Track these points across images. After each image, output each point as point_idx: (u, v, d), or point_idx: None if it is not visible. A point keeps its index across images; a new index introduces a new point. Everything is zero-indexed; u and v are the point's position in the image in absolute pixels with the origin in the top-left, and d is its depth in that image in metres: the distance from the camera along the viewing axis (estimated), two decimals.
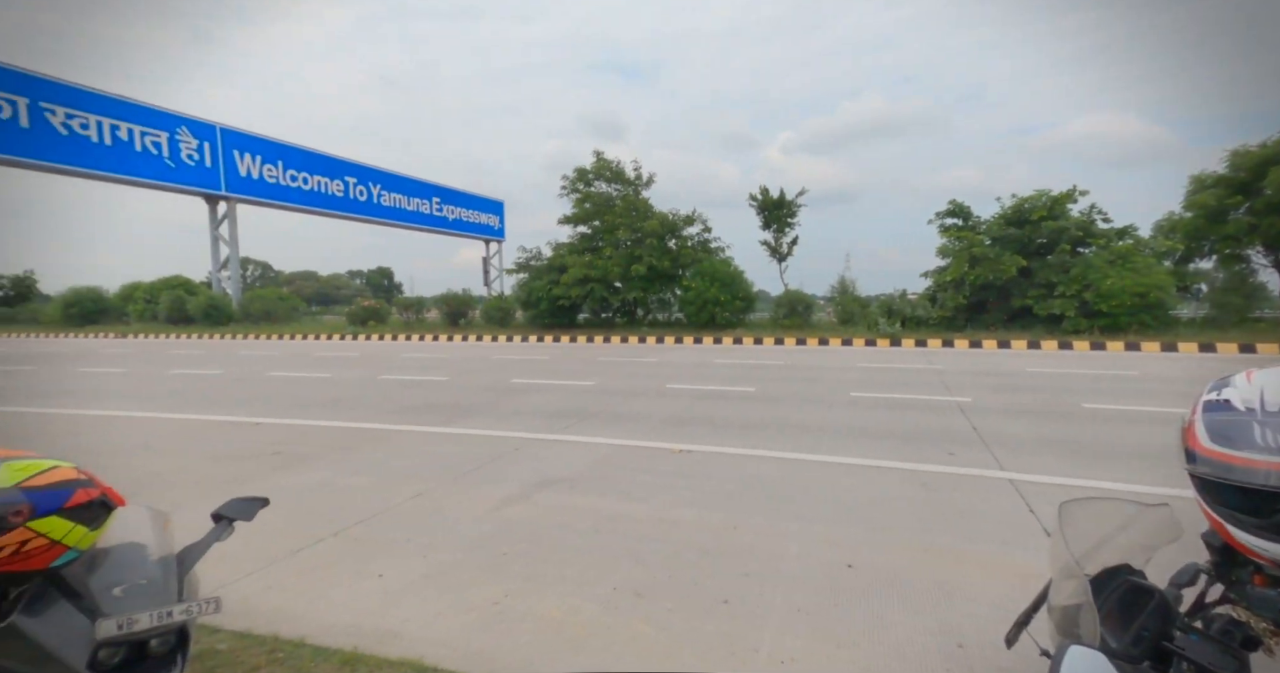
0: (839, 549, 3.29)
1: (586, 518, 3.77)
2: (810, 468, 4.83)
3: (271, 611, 2.68)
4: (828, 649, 2.36)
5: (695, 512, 3.87)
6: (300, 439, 5.89)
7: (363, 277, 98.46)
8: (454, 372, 11.43)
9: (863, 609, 2.66)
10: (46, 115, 19.37)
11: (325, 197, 28.84)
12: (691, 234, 22.94)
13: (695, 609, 2.67)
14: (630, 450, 5.40)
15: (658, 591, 2.84)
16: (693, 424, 6.46)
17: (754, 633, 2.47)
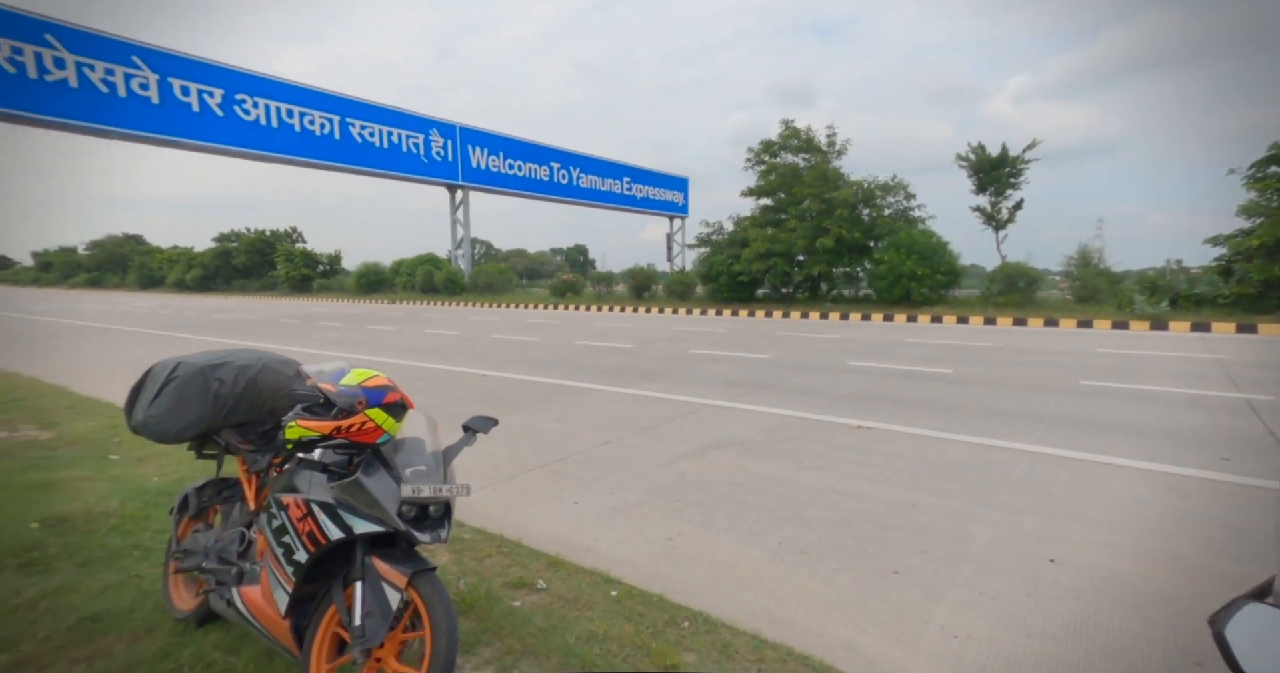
0: (1043, 543, 2.95)
1: (756, 480, 3.90)
2: (1015, 457, 4.30)
3: (497, 517, 3.35)
4: (1015, 638, 2.19)
5: (871, 486, 3.76)
6: (515, 390, 6.97)
7: (562, 253, 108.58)
8: (638, 340, 12.27)
9: (1066, 607, 2.39)
10: (350, 128, 24.96)
11: (535, 181, 32.44)
12: (889, 203, 20.89)
13: (862, 574, 2.66)
14: (804, 422, 5.36)
15: (823, 552, 2.89)
16: (874, 402, 6.11)
17: (926, 607, 2.40)
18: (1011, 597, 2.47)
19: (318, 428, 1.74)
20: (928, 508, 3.40)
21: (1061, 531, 3.09)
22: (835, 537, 3.04)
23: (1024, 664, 2.04)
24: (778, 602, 2.45)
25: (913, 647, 2.15)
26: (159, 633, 2.15)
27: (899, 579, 2.61)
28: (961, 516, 3.29)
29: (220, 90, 20.87)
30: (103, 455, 4.32)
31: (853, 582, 2.60)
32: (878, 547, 2.92)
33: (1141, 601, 2.43)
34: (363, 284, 34.40)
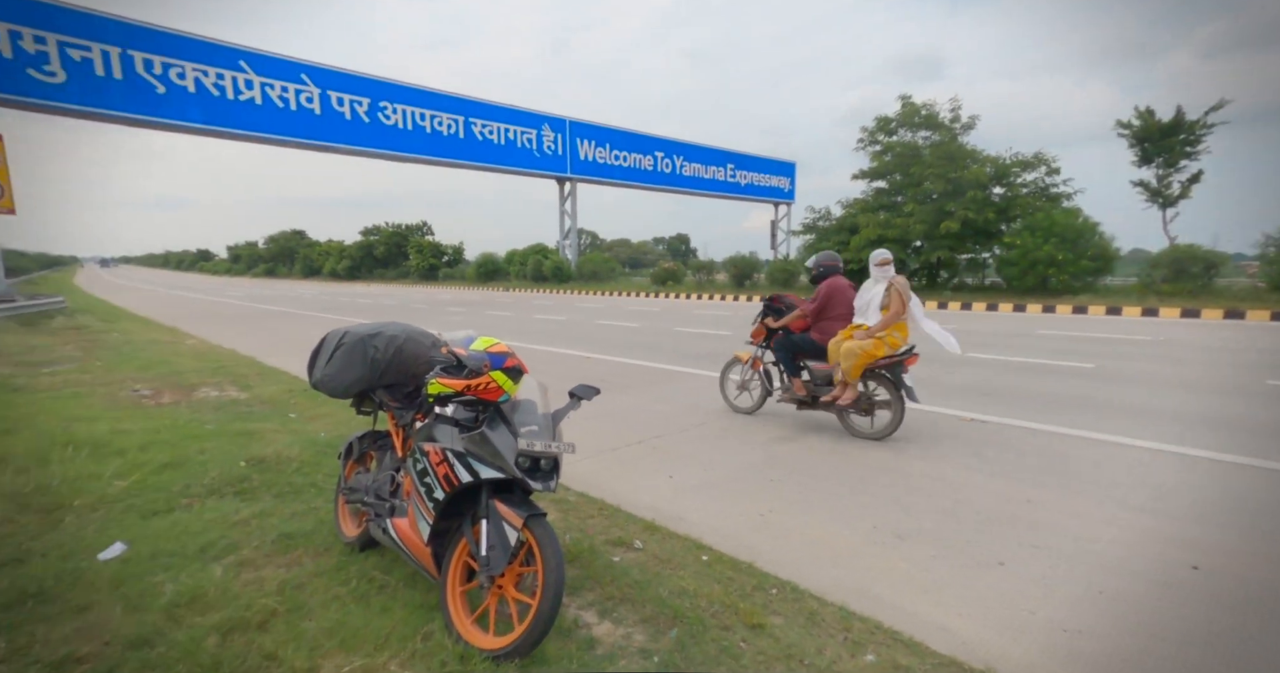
0: (1187, 549, 2.67)
1: (853, 465, 3.86)
2: (1162, 459, 3.84)
3: (599, 484, 3.63)
4: (1141, 639, 2.05)
5: (979, 477, 3.57)
6: (617, 372, 7.32)
7: (664, 242, 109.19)
8: (739, 328, 12.20)
9: (1208, 615, 2.18)
10: (472, 127, 27.00)
11: (639, 172, 32.99)
12: (1028, 181, 18.64)
13: (963, 562, 2.60)
14: (911, 412, 5.10)
15: (922, 538, 2.83)
16: (992, 395, 5.68)
17: (1035, 599, 2.30)
18: (1141, 599, 2.29)
19: (452, 385, 2.06)
20: (1046, 504, 3.18)
21: (1214, 539, 2.77)
22: (936, 525, 2.97)
23: (1148, 666, 1.92)
24: (868, 580, 2.48)
25: (1015, 635, 2.09)
26: (333, 552, 2.64)
27: (1004, 570, 2.52)
28: (1087, 514, 3.05)
29: (367, 99, 23.42)
30: (284, 413, 5.21)
31: (952, 569, 2.54)
32: (983, 538, 2.82)
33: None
34: (481, 273, 37.17)
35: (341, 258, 53.77)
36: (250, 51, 20.35)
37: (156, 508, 3.03)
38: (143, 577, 2.33)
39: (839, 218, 21.35)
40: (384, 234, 51.01)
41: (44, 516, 2.91)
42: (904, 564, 2.60)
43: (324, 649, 1.92)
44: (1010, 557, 2.63)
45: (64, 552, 2.53)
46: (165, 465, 3.61)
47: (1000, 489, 3.40)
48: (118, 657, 1.86)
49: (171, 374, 6.96)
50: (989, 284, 19.49)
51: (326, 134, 22.45)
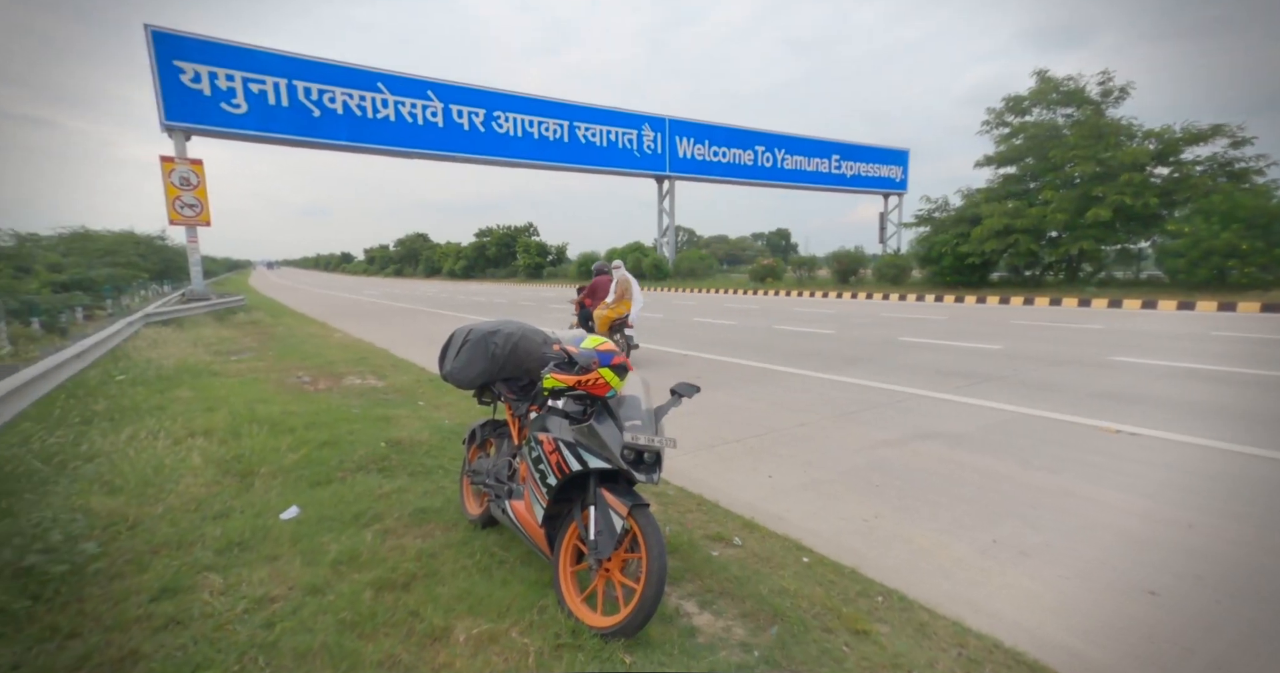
0: None
1: (969, 473, 3.61)
2: None
3: (697, 480, 3.70)
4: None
5: (1124, 497, 3.20)
6: (714, 370, 7.34)
7: (763, 238, 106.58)
8: (841, 326, 11.69)
9: None
10: (576, 131, 28.13)
11: (739, 167, 32.50)
12: (1202, 157, 15.89)
13: (1102, 587, 2.36)
14: (1039, 420, 4.67)
15: (1050, 556, 2.61)
16: (1143, 404, 5.00)
17: (1192, 635, 2.05)
18: None
19: (565, 380, 2.23)
20: (1208, 530, 2.79)
21: None
22: (1068, 543, 2.72)
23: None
24: (985, 595, 2.34)
25: (1166, 671, 1.88)
26: (459, 528, 2.95)
27: (1155, 602, 2.26)
28: (1263, 545, 2.63)
29: (483, 110, 25.19)
30: (414, 401, 5.83)
31: (1088, 592, 2.33)
32: (1127, 563, 2.54)
33: None
34: (582, 271, 38.60)
35: (458, 258, 58.25)
36: (386, 73, 22.66)
37: (319, 479, 3.55)
38: (314, 536, 2.76)
39: (958, 208, 19.57)
40: (495, 235, 54.54)
41: (240, 479, 3.53)
42: (1029, 582, 2.41)
43: (456, 612, 2.17)
44: (1163, 586, 2.35)
45: (255, 511, 3.06)
46: (324, 443, 4.20)
47: (1151, 510, 3.02)
48: (299, 600, 2.24)
49: (325, 364, 8.01)
50: (1145, 279, 16.94)
51: (448, 144, 24.46)
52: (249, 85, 19.67)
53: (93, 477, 3.45)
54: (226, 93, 19.23)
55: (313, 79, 21.00)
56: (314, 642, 1.97)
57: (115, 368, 7.19)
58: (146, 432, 4.38)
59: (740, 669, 1.88)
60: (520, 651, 1.96)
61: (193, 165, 18.16)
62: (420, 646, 1.99)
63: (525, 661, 1.91)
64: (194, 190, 18.07)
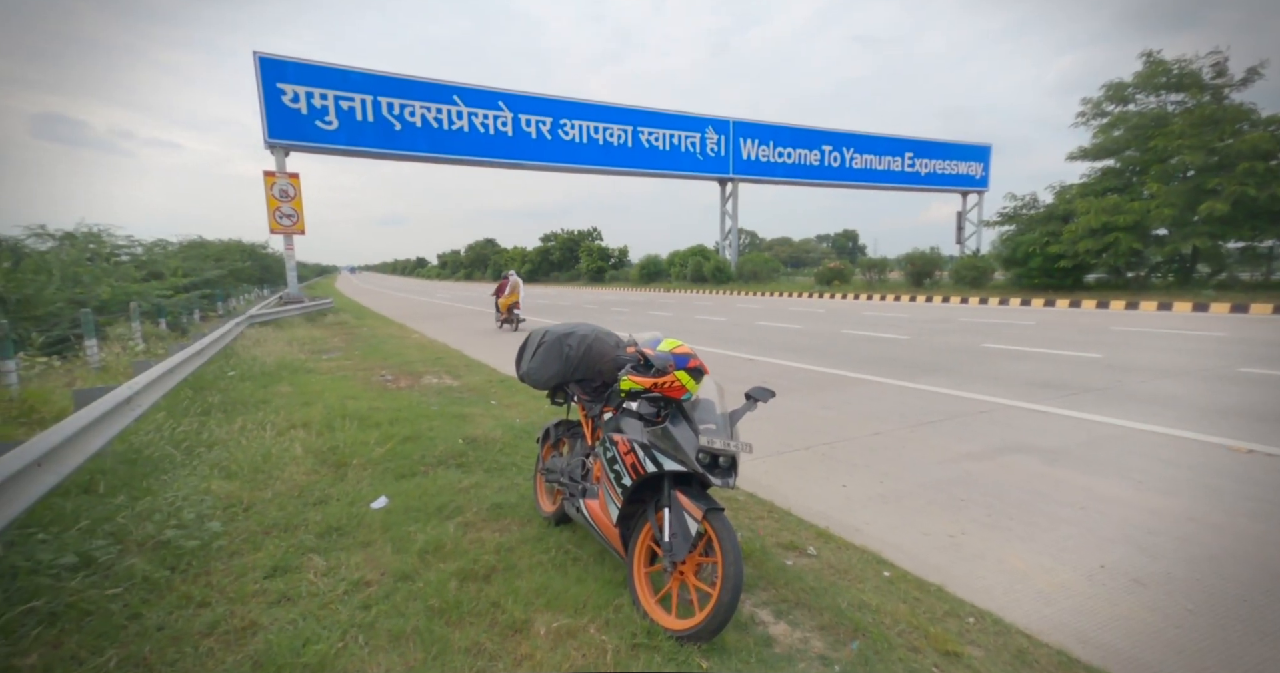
0: None
1: (1069, 492, 3.34)
2: None
3: (768, 486, 3.63)
4: None
5: (1260, 526, 2.86)
6: (781, 375, 7.18)
7: (829, 240, 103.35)
8: (915, 331, 11.14)
9: None
10: (640, 135, 28.40)
11: (804, 167, 31.72)
12: None
13: (1238, 626, 2.12)
14: (1149, 436, 4.26)
15: (1171, 587, 2.37)
16: (1274, 421, 4.45)
17: None
18: None
19: (641, 382, 2.26)
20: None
21: None
22: (1191, 573, 2.46)
23: None
24: (1094, 626, 2.15)
25: None
26: (534, 524, 3.04)
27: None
28: None
29: (549, 118, 25.93)
30: (487, 400, 6.06)
31: (1218, 631, 2.10)
32: (1267, 598, 2.27)
33: None
34: (644, 274, 38.88)
35: (524, 262, 60.15)
36: (460, 86, 23.79)
37: (404, 472, 3.76)
38: (401, 526, 2.93)
39: (1048, 205, 18.13)
40: (559, 240, 55.93)
41: (335, 470, 3.80)
42: (1148, 615, 2.20)
43: (535, 605, 2.24)
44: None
45: (349, 499, 3.28)
46: (407, 438, 4.44)
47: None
48: (391, 585, 2.38)
49: (404, 364, 8.48)
50: (1277, 280, 15.07)
51: (517, 152, 25.35)
52: (339, 103, 21.20)
53: (213, 463, 3.82)
54: (320, 111, 20.82)
55: (394, 94, 22.35)
56: (406, 626, 2.09)
57: (227, 365, 7.93)
58: (254, 423, 4.79)
59: None
60: (598, 647, 1.99)
61: (291, 179, 19.77)
62: (503, 636, 2.07)
63: (603, 658, 1.94)
64: (291, 201, 19.66)
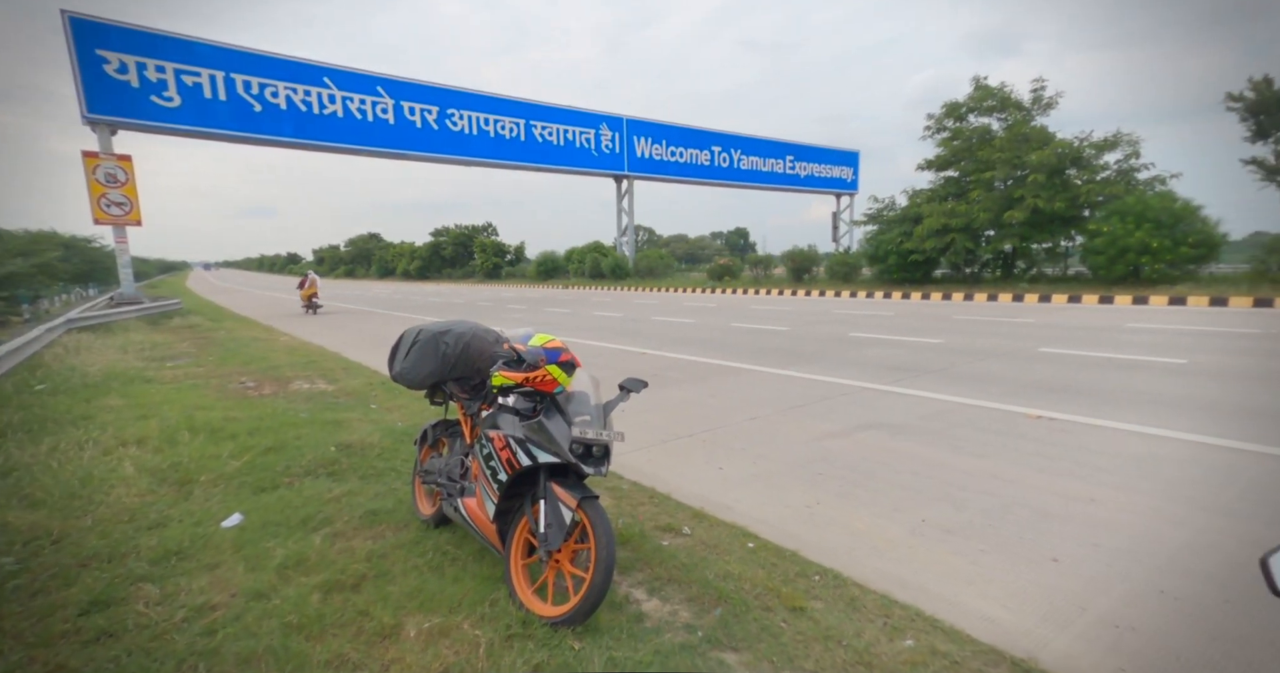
0: (1250, 547, 2.52)
1: (906, 461, 3.83)
2: (1245, 459, 3.58)
3: (650, 474, 3.79)
4: (1197, 639, 2.00)
5: (1041, 477, 3.47)
6: (672, 367, 7.47)
7: (722, 237, 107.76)
8: (794, 323, 12.05)
9: (1271, 618, 2.08)
10: (533, 130, 27.70)
11: (696, 167, 32.90)
12: (1108, 163, 17.40)
13: (1014, 558, 2.58)
14: (970, 409, 4.99)
15: (971, 533, 2.82)
16: (1065, 392, 5.40)
17: (1086, 595, 2.27)
18: (1204, 600, 2.21)
19: (513, 377, 2.28)
20: (1111, 504, 3.07)
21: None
22: (988, 521, 2.94)
23: (1197, 665, 1.88)
24: (912, 571, 2.51)
25: (1061, 628, 2.09)
26: (411, 528, 2.95)
27: (1057, 567, 2.48)
28: (1160, 515, 2.92)
29: (436, 107, 24.62)
30: (366, 404, 5.71)
31: (1001, 563, 2.54)
32: (1037, 535, 2.77)
33: None
34: (541, 271, 38.29)
35: (413, 259, 56.75)
36: (333, 68, 21.89)
37: (264, 485, 3.47)
38: (258, 542, 2.71)
39: (903, 208, 20.49)
40: (451, 235, 53.41)
41: (177, 488, 3.41)
42: (951, 558, 2.61)
43: (407, 609, 2.19)
44: (1066, 554, 2.58)
45: (195, 519, 2.97)
46: (269, 449, 4.09)
47: (1063, 488, 3.30)
48: (242, 606, 2.21)
49: (270, 369, 7.73)
50: (1073, 275, 18.18)
51: (400, 142, 23.82)
52: (181, 78, 18.67)
53: (9, 491, 3.27)
54: (157, 85, 18.20)
55: (253, 72, 20.10)
56: (258, 646, 1.96)
57: (33, 377, 6.75)
58: (70, 443, 4.16)
59: (683, 649, 1.98)
60: (471, 642, 2.00)
61: (119, 161, 17.09)
62: (369, 644, 2.01)
63: (476, 652, 1.95)
64: (121, 187, 17.01)
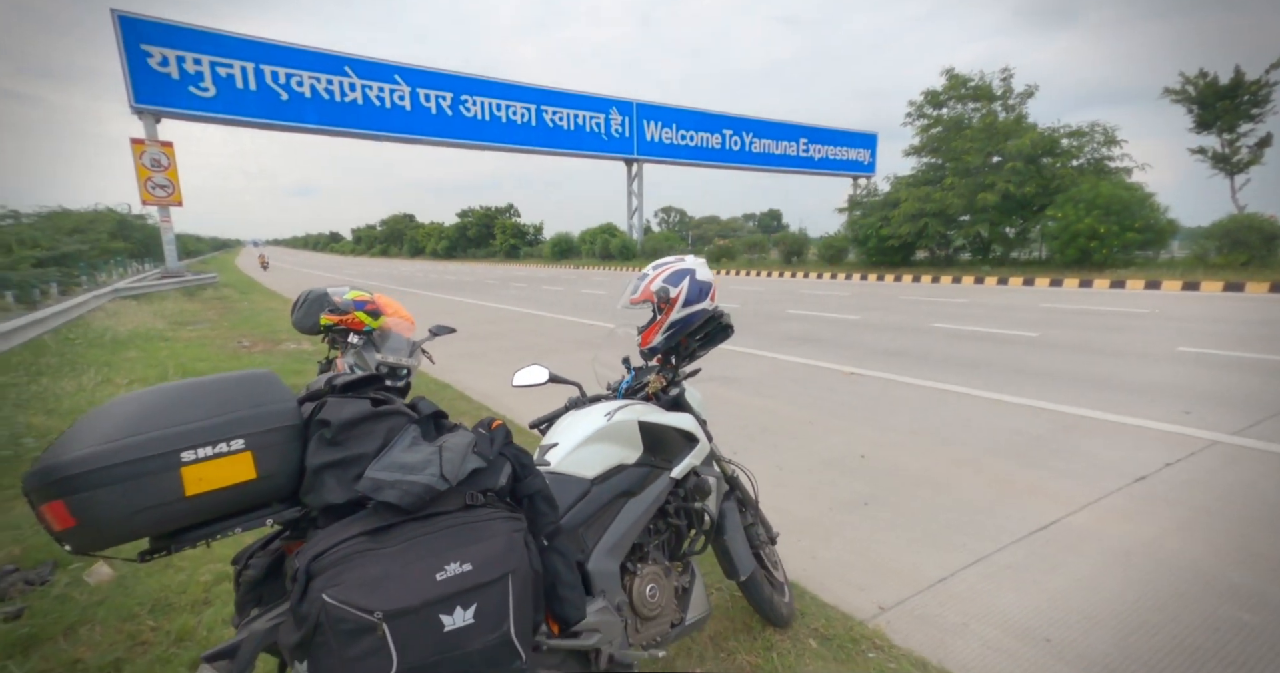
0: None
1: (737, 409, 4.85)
2: (1029, 414, 4.48)
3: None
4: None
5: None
6: (600, 336, 8.53)
7: (755, 219, 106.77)
8: (750, 301, 12.93)
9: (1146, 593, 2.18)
10: (544, 115, 28.66)
11: (706, 150, 33.33)
12: (1076, 149, 17.72)
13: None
14: (807, 368, 5.93)
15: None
16: (898, 357, 6.26)
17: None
18: (847, 483, 3.23)
19: (331, 319, 3.42)
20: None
21: (1060, 485, 3.56)
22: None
23: None
24: None
25: None
26: None
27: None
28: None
29: (450, 94, 25.86)
30: None
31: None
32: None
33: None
34: (555, 252, 39.57)
35: (440, 239, 58.91)
36: (352, 57, 23.32)
37: None
38: None
39: (885, 194, 20.86)
40: (476, 216, 55.18)
41: None
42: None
43: None
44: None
45: None
46: None
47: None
48: None
49: (270, 333, 9.16)
50: (1039, 258, 18.55)
51: (415, 127, 25.21)
52: (216, 69, 20.36)
53: (38, 404, 4.64)
54: (195, 76, 19.94)
55: (280, 63, 21.67)
56: None
57: (73, 334, 8.33)
58: (90, 380, 5.56)
59: None
60: None
61: (163, 147, 18.98)
62: None
63: None
64: (165, 172, 18.92)
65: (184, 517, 0.88)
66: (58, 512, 0.80)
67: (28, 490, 0.82)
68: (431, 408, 1.10)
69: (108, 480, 0.81)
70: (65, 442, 0.83)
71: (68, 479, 0.79)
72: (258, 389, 0.95)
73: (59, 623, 1.94)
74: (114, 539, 0.84)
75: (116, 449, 0.82)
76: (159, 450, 0.84)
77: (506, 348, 7.53)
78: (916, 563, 2.40)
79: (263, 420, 0.92)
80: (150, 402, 0.89)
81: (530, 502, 1.09)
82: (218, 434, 0.87)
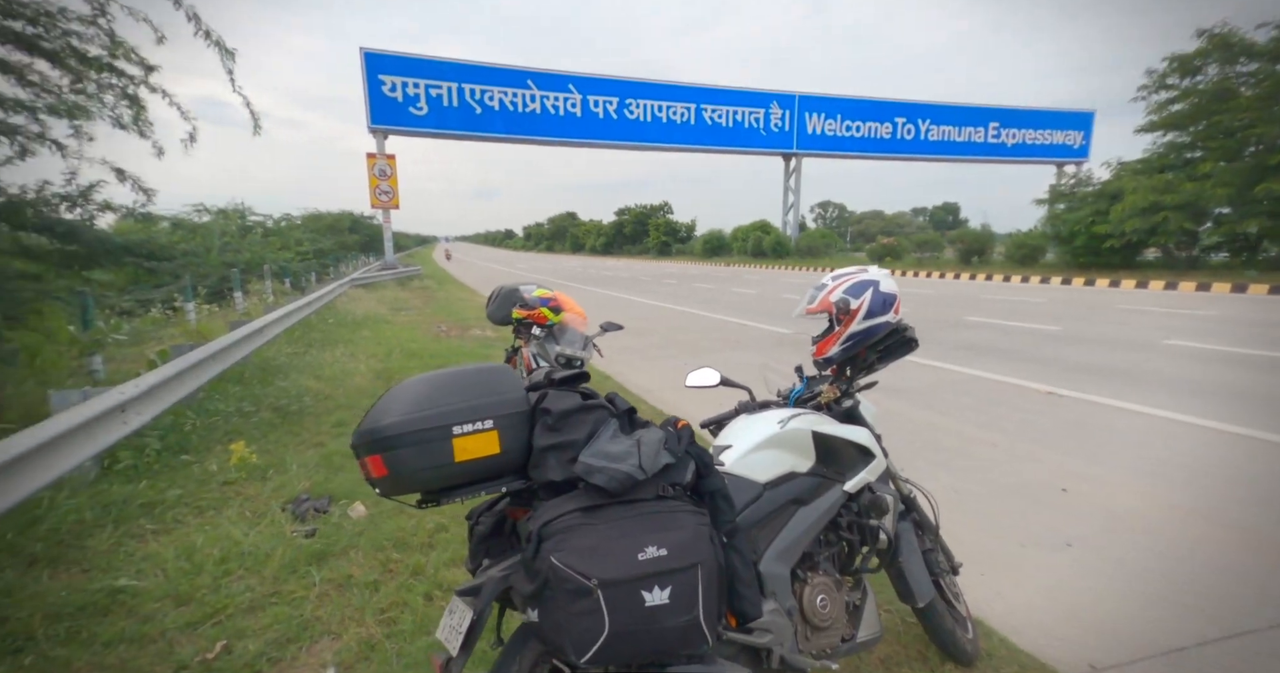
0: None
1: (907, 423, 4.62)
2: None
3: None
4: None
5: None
6: (725, 328, 8.47)
7: (925, 213, 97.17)
8: (920, 305, 11.82)
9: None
10: (702, 113, 28.99)
11: (874, 141, 30.94)
12: None
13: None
14: (988, 382, 5.33)
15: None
16: (1118, 376, 5.30)
17: None
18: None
19: (521, 313, 3.89)
20: (1006, 447, 3.67)
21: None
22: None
23: None
24: None
25: None
26: None
27: None
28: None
29: (616, 99, 27.29)
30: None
31: None
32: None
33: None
34: (706, 249, 39.81)
35: (599, 236, 62.53)
36: (532, 71, 25.73)
37: None
38: None
39: (1101, 183, 17.28)
40: (632, 214, 57.58)
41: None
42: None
43: None
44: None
45: None
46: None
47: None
48: None
49: (460, 320, 10.62)
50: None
51: (586, 132, 27.08)
52: (429, 91, 23.80)
53: (311, 371, 5.94)
54: (413, 98, 23.54)
55: (475, 81, 24.65)
56: None
57: (329, 315, 10.44)
58: (340, 353, 6.95)
59: None
60: None
61: (388, 160, 22.76)
62: None
63: None
64: (388, 180, 22.69)
65: (452, 478, 1.10)
66: (376, 463, 1.07)
67: (356, 444, 1.08)
68: (626, 405, 1.26)
69: (409, 443, 1.05)
70: (379, 411, 1.10)
71: (385, 439, 1.05)
72: (496, 379, 1.17)
73: (337, 545, 2.54)
74: (408, 488, 1.10)
75: (414, 419, 1.06)
76: (440, 424, 1.06)
77: (659, 344, 7.85)
78: (1135, 622, 2.10)
79: (504, 406, 1.12)
80: (432, 384, 1.13)
81: (711, 499, 1.19)
82: (475, 415, 1.09)
